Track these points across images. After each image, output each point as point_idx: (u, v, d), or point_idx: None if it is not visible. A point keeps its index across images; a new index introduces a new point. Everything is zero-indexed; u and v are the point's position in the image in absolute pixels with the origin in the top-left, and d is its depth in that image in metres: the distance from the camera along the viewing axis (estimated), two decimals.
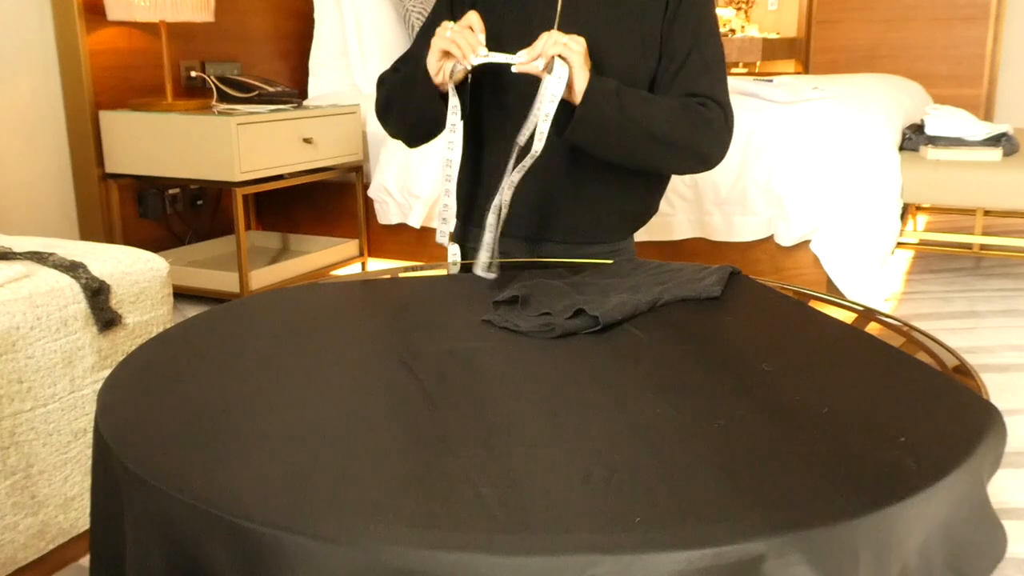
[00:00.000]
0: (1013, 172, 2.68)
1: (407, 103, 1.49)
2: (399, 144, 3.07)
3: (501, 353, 1.00)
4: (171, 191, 3.13)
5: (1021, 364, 2.33)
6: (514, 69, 1.33)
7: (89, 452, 1.47)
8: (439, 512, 0.66)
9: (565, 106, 1.33)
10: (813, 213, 2.57)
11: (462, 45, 1.33)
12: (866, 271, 2.53)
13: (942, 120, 2.93)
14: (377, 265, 3.30)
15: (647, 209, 1.62)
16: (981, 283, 3.09)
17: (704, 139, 1.42)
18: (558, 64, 1.30)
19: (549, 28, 1.46)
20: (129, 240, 2.97)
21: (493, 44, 1.41)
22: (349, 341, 1.06)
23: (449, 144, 1.40)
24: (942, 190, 2.73)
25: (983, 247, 3.05)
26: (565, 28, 1.45)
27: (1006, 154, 2.86)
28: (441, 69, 1.37)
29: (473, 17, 1.37)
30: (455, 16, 1.50)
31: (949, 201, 2.74)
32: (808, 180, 2.56)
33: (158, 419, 0.83)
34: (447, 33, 1.35)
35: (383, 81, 1.58)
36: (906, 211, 2.98)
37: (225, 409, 0.85)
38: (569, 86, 1.32)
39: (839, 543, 0.64)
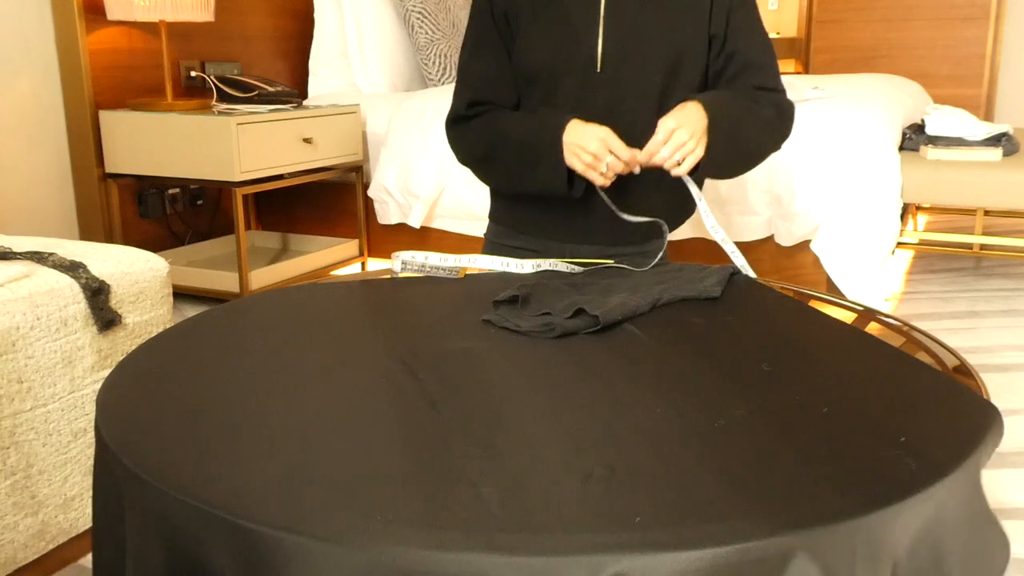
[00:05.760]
0: (1013, 172, 2.68)
1: (523, 177, 1.49)
2: (399, 144, 3.08)
3: (501, 353, 1.00)
4: (171, 191, 3.13)
5: (1021, 364, 2.33)
6: (637, 170, 1.38)
7: (89, 452, 1.47)
8: (439, 512, 0.66)
9: None
10: (813, 213, 2.57)
11: (615, 167, 1.37)
12: (866, 271, 2.53)
13: (942, 120, 2.93)
14: (377, 265, 3.30)
15: (681, 211, 1.62)
16: (981, 283, 3.09)
17: (788, 123, 1.55)
18: (686, 180, 1.40)
19: (592, 30, 1.48)
20: (129, 240, 2.96)
21: (534, 48, 1.48)
22: (349, 341, 1.05)
23: None
24: (942, 190, 2.72)
25: (983, 247, 3.05)
26: (609, 26, 1.46)
27: (1006, 154, 2.86)
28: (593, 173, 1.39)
29: (609, 137, 1.38)
30: (497, 23, 1.51)
31: (949, 201, 2.74)
32: (808, 180, 2.56)
33: (158, 419, 0.83)
34: (602, 167, 1.37)
35: (472, 124, 1.55)
36: (906, 211, 2.98)
37: (225, 409, 0.85)
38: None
39: (839, 543, 0.64)
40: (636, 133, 1.50)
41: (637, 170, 1.38)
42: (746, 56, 1.50)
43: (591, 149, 1.34)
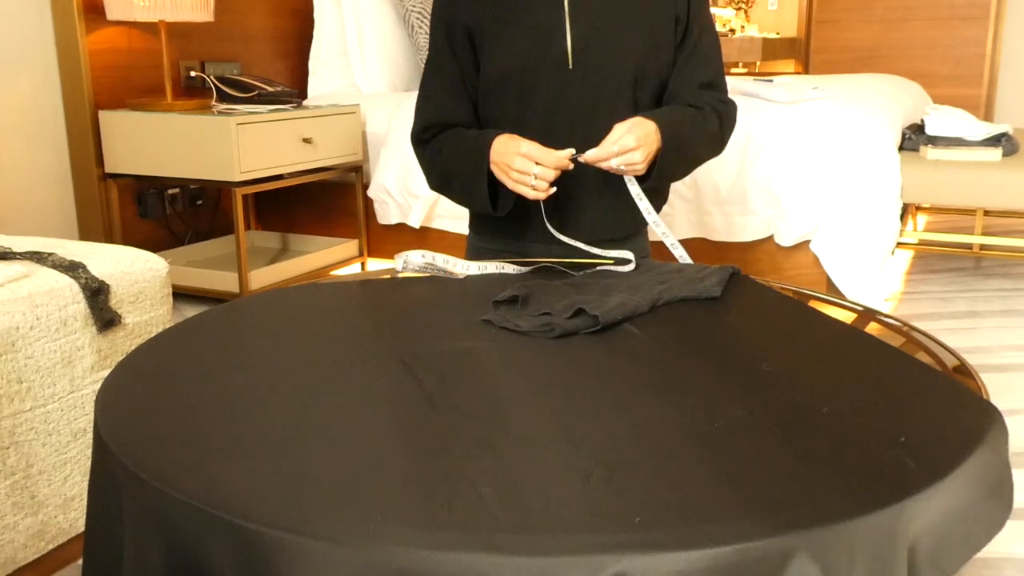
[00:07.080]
0: (1013, 172, 2.68)
1: (467, 202, 1.53)
2: (399, 144, 3.08)
3: (501, 353, 1.00)
4: (171, 191, 3.12)
5: (1021, 364, 2.33)
6: (581, 159, 1.39)
7: (89, 452, 1.47)
8: (439, 512, 0.66)
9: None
10: (813, 213, 2.57)
11: (546, 176, 1.37)
12: (866, 271, 2.53)
13: (942, 120, 2.93)
14: (377, 265, 3.30)
15: (632, 220, 1.62)
16: (981, 283, 3.09)
17: (728, 132, 1.59)
18: (629, 182, 1.44)
19: (559, 28, 1.48)
20: (129, 240, 2.96)
21: (505, 54, 1.48)
22: (349, 341, 1.05)
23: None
24: (942, 190, 2.73)
25: (983, 247, 3.05)
26: (575, 23, 1.46)
27: (1006, 154, 2.86)
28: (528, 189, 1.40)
29: (535, 151, 1.38)
30: (453, 40, 1.51)
31: (949, 201, 2.74)
32: (808, 180, 2.56)
33: (158, 419, 0.83)
34: (531, 180, 1.37)
35: (427, 151, 1.57)
36: (906, 211, 2.98)
37: (225, 409, 0.85)
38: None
39: (839, 543, 0.64)
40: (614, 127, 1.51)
41: (571, 166, 1.40)
42: (696, 46, 1.53)
43: (515, 166, 1.37)
